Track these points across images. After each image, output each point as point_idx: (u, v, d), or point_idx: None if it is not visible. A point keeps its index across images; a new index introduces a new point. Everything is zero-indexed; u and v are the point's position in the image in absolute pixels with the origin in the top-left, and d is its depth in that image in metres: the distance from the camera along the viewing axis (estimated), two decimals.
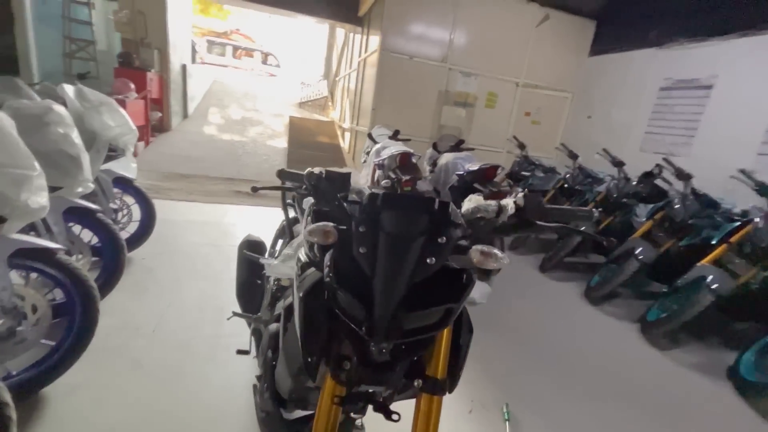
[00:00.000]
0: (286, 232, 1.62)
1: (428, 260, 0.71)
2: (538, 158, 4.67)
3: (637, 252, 2.91)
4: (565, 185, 4.05)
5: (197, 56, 11.19)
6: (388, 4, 4.95)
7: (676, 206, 2.92)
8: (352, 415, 0.89)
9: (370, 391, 0.81)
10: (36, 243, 1.54)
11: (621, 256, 3.10)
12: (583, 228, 3.36)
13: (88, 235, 2.26)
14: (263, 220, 4.03)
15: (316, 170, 0.95)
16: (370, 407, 0.84)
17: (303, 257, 0.96)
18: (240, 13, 18.34)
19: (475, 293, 2.94)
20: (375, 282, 0.69)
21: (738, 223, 2.58)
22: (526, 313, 2.92)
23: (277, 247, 1.92)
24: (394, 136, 4.18)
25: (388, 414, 0.79)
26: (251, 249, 1.75)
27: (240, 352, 1.37)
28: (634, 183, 3.36)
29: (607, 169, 3.92)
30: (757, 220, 2.40)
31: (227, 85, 9.14)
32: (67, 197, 2.05)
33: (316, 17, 7.19)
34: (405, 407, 0.83)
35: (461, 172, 3.29)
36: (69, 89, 2.44)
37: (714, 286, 2.35)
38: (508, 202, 0.85)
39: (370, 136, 4.27)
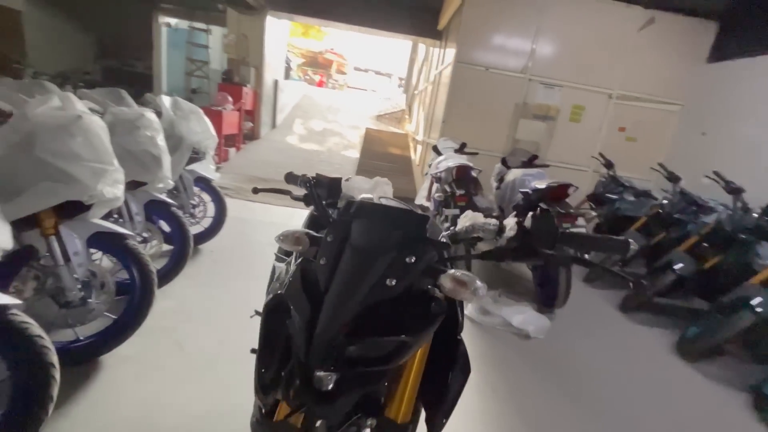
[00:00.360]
0: None
1: (388, 281, 0.61)
2: (629, 179, 4.05)
3: (754, 303, 2.30)
4: (661, 212, 3.43)
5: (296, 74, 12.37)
6: (465, 16, 4.84)
7: None
8: None
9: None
10: (111, 228, 1.78)
11: (732, 304, 2.48)
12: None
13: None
14: None
15: (310, 175, 0.91)
16: None
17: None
18: (334, 34, 19.89)
19: (530, 325, 2.59)
20: (326, 299, 0.61)
21: None
22: (595, 360, 2.48)
23: None
24: (461, 149, 4.01)
25: None
26: (285, 251, 1.80)
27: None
28: (757, 215, 2.69)
29: (719, 196, 3.22)
30: None
31: (314, 99, 9.89)
32: (149, 192, 2.37)
33: (401, 34, 7.41)
34: None
35: (526, 190, 3.00)
36: (166, 100, 2.83)
37: None
38: (510, 222, 0.70)
39: (435, 148, 4.17)
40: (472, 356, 0.79)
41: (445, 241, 0.70)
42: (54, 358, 1.22)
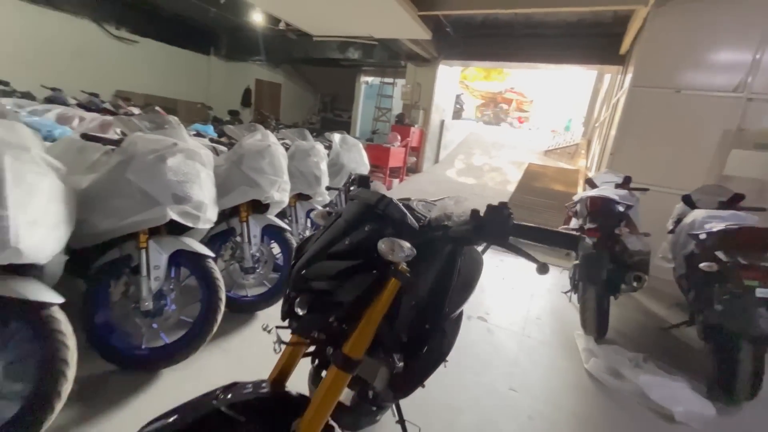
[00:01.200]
0: None
1: (346, 240, 0.81)
2: None
3: None
4: None
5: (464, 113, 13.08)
6: (648, 32, 4.20)
7: None
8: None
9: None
10: (277, 223, 2.50)
11: None
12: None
13: None
14: None
15: (353, 174, 1.19)
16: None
17: None
18: (516, 74, 19.92)
19: (677, 405, 2.13)
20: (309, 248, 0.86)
21: None
22: None
23: None
24: (625, 183, 3.44)
25: None
26: None
27: None
28: None
29: None
30: None
31: (480, 135, 10.18)
32: (311, 203, 3.14)
33: (578, 64, 6.95)
34: None
35: (697, 233, 2.37)
36: (336, 137, 3.69)
37: None
38: (466, 209, 0.78)
39: (589, 181, 3.72)
40: (579, 419, 0.84)
41: (410, 222, 0.84)
42: (222, 294, 1.87)
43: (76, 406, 1.53)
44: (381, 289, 0.82)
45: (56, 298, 1.32)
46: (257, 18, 7.37)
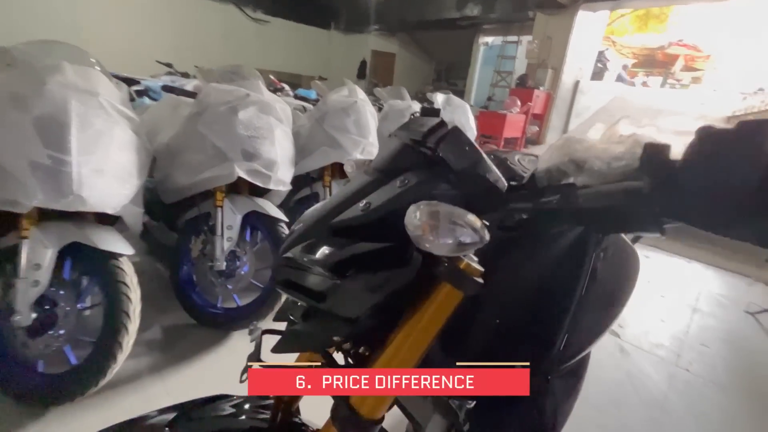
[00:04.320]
0: None
1: (361, 204, 0.43)
2: None
3: None
4: None
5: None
6: None
7: None
8: None
9: None
10: None
11: None
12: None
13: None
14: None
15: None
16: None
17: None
18: (682, 22, 15.34)
19: None
20: None
21: None
22: None
23: None
24: None
25: None
26: None
27: None
28: None
29: None
30: None
31: (629, 101, 8.17)
32: None
33: None
34: None
35: None
36: (439, 97, 3.23)
37: None
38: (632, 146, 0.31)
39: None
40: None
41: (488, 175, 0.41)
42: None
43: (153, 353, 1.58)
44: (423, 299, 0.43)
45: (126, 249, 1.31)
46: None
